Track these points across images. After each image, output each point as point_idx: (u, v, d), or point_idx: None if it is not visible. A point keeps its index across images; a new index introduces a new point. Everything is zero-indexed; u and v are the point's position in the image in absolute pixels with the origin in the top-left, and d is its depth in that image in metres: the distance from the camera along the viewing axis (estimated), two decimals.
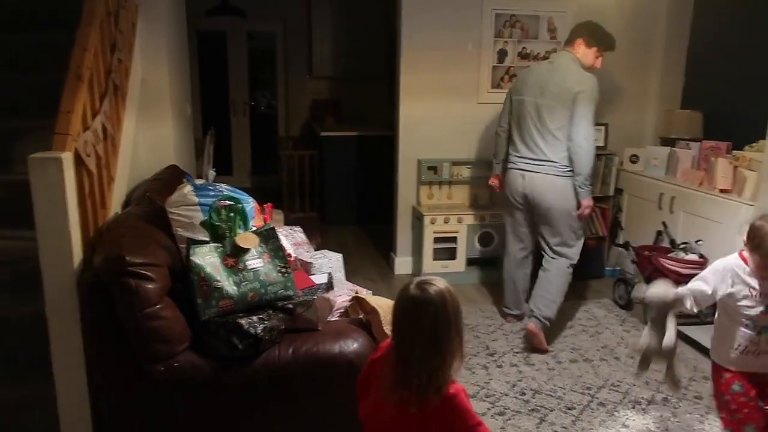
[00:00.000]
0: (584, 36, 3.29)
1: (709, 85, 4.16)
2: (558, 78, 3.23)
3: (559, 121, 3.21)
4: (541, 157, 3.28)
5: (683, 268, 3.43)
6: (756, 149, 3.49)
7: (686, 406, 2.69)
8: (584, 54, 3.29)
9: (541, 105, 3.25)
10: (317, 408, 2.00)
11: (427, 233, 4.13)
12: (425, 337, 1.37)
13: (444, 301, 1.39)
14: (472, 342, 3.29)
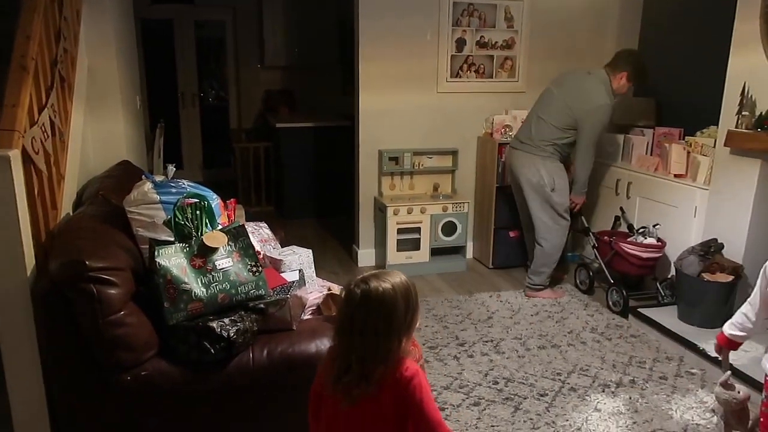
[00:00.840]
0: (629, 71, 3.57)
1: (660, 73, 4.25)
2: (584, 93, 3.59)
3: (557, 121, 3.63)
4: (529, 136, 3.72)
5: (642, 251, 3.52)
6: (707, 135, 3.60)
7: (653, 387, 2.76)
8: (621, 85, 3.61)
9: (555, 99, 3.67)
10: (295, 411, 1.93)
11: (391, 224, 4.09)
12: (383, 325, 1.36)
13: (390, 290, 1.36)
14: (441, 333, 3.28)
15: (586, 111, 3.55)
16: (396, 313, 1.36)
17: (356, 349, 1.36)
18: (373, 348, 1.35)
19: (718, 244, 3.26)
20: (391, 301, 1.36)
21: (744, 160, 3.16)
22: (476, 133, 4.40)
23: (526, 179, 3.71)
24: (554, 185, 3.65)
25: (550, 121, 3.66)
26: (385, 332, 1.35)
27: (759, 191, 3.12)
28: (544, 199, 3.68)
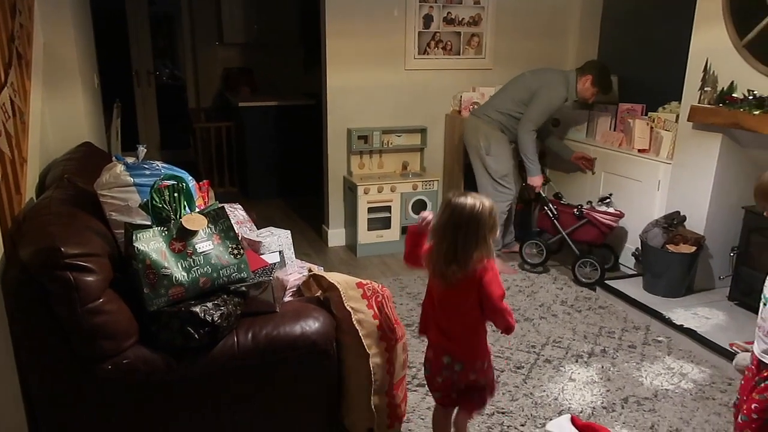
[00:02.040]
0: (594, 75, 3.78)
1: (623, 50, 4.33)
2: (547, 76, 3.85)
3: (514, 92, 3.87)
4: (483, 106, 4.01)
5: (613, 220, 3.64)
6: (669, 110, 3.70)
7: (623, 356, 2.86)
8: (585, 88, 3.80)
9: (521, 78, 3.91)
10: (282, 392, 1.92)
11: (361, 203, 4.07)
12: (472, 232, 1.83)
13: (481, 206, 1.84)
14: (416, 310, 3.30)
15: (539, 86, 3.79)
16: (482, 222, 1.83)
17: (460, 239, 1.82)
18: (472, 235, 1.82)
19: (681, 217, 3.38)
20: (480, 214, 1.83)
21: (706, 134, 3.26)
22: (444, 111, 4.40)
23: (468, 142, 4.01)
24: (489, 150, 3.86)
25: (508, 92, 3.93)
26: (478, 225, 1.82)
27: (720, 164, 3.23)
28: (481, 163, 3.92)
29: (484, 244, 1.84)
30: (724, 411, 2.44)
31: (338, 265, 3.97)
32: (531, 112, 3.77)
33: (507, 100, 3.89)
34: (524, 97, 3.82)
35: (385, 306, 2.11)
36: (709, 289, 3.41)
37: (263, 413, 1.92)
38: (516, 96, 3.86)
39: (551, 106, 3.80)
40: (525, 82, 3.87)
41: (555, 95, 3.78)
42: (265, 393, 1.91)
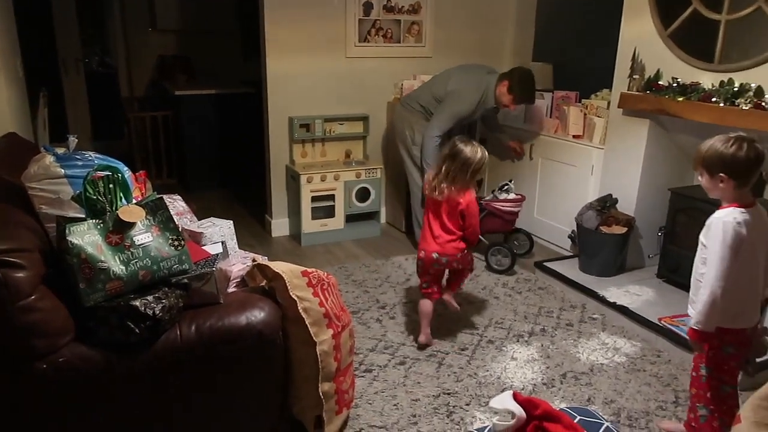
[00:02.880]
0: (509, 81, 3.63)
1: (557, 39, 4.47)
2: (463, 76, 3.79)
3: (435, 89, 3.83)
4: (410, 97, 3.98)
5: (514, 207, 3.67)
6: (601, 97, 3.85)
7: (561, 334, 2.98)
8: (502, 93, 3.66)
9: (445, 73, 3.88)
10: (228, 385, 1.90)
11: (304, 192, 4.04)
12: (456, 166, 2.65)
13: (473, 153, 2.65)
14: (362, 297, 3.33)
15: (452, 90, 3.74)
16: (470, 165, 2.64)
17: (453, 170, 2.65)
18: (460, 171, 2.64)
19: (613, 199, 3.53)
20: (471, 159, 2.64)
21: (635, 120, 3.41)
22: (386, 99, 4.41)
23: (396, 131, 4.02)
24: (414, 139, 3.86)
25: (431, 87, 3.90)
26: (466, 169, 2.64)
27: (648, 149, 3.39)
28: (408, 153, 3.93)
29: (468, 179, 2.67)
30: (654, 381, 2.58)
31: (283, 255, 3.94)
32: (436, 118, 3.72)
33: (428, 94, 3.85)
34: (440, 95, 3.78)
35: (331, 293, 2.12)
36: (640, 267, 3.59)
37: (211, 406, 1.90)
38: (435, 92, 3.81)
39: (458, 113, 3.72)
40: (445, 80, 3.81)
41: (463, 103, 3.70)
42: (212, 385, 1.88)
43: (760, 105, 2.72)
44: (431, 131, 3.72)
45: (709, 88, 2.97)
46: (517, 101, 3.70)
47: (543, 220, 4.13)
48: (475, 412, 2.35)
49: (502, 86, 3.65)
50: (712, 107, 2.90)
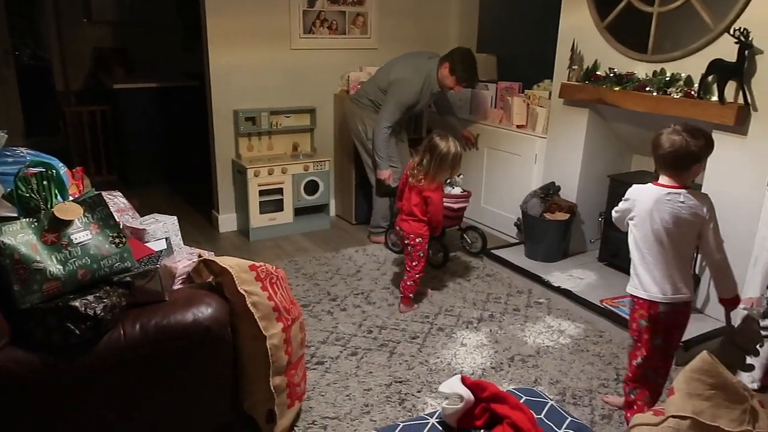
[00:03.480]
0: (450, 63, 3.60)
1: (500, 30, 4.55)
2: (404, 64, 3.77)
3: (380, 81, 3.81)
4: (359, 91, 3.97)
5: (455, 203, 3.61)
6: (543, 88, 3.95)
7: (509, 319, 3.05)
8: (444, 75, 3.64)
9: (388, 63, 3.87)
10: (177, 383, 1.86)
11: (252, 187, 3.98)
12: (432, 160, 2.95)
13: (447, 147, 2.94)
14: (312, 290, 3.32)
15: (394, 79, 3.72)
16: (447, 157, 2.94)
17: (428, 164, 2.96)
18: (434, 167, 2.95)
19: (556, 187, 3.64)
20: (445, 155, 2.93)
21: (575, 109, 3.52)
22: (333, 91, 4.39)
23: (351, 128, 3.99)
24: (368, 134, 3.86)
25: (375, 79, 3.89)
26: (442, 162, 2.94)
27: (588, 137, 3.51)
28: (364, 148, 3.93)
29: (440, 173, 2.97)
30: (596, 361, 2.69)
31: (231, 250, 3.87)
32: (383, 110, 3.72)
33: (374, 87, 3.85)
34: (384, 86, 3.77)
35: (280, 287, 2.11)
36: (582, 252, 3.72)
37: (160, 405, 1.86)
38: (380, 84, 3.80)
39: (403, 102, 3.70)
40: (388, 71, 3.80)
41: (406, 91, 3.69)
42: (160, 384, 1.84)
43: (690, 93, 2.85)
44: (380, 124, 3.72)
45: (644, 78, 3.09)
46: (460, 82, 3.64)
47: (489, 208, 4.21)
48: (426, 398, 2.38)
49: (443, 68, 3.63)
50: (646, 96, 3.02)
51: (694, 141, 1.99)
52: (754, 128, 2.67)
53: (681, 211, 2.03)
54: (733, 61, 2.63)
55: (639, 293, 2.12)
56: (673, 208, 2.03)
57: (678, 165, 2.04)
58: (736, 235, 2.76)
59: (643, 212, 2.07)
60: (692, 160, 2.02)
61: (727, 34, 2.66)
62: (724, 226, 2.84)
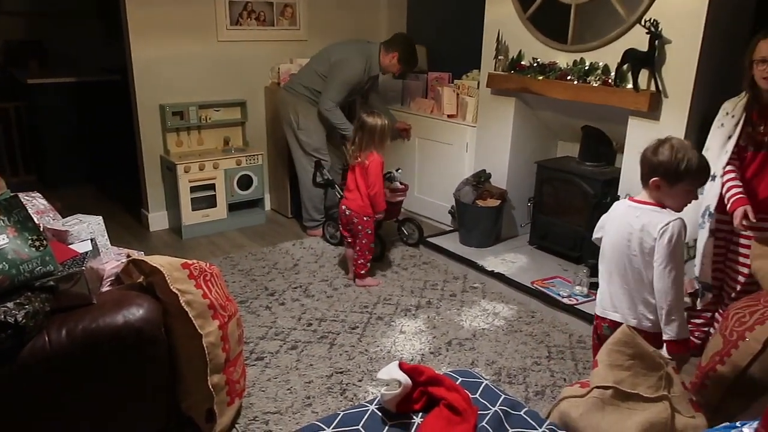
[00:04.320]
0: (399, 52, 3.72)
1: (429, 21, 4.61)
2: (346, 47, 3.83)
3: (317, 65, 3.83)
4: (293, 80, 3.94)
5: (392, 197, 3.60)
6: (472, 78, 4.04)
7: (446, 304, 3.13)
8: (391, 64, 3.77)
9: (325, 50, 3.87)
10: (111, 388, 1.80)
11: (182, 183, 3.88)
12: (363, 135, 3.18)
13: (374, 122, 3.16)
14: (249, 286, 3.28)
15: (337, 60, 3.75)
16: (376, 131, 3.16)
17: (360, 139, 3.19)
18: (366, 141, 3.17)
19: (487, 174, 3.74)
20: (374, 125, 3.16)
21: (502, 99, 3.62)
22: (263, 83, 4.33)
23: (282, 117, 3.94)
24: (300, 124, 3.85)
25: (312, 66, 3.88)
26: (371, 136, 3.17)
27: (515, 125, 3.62)
28: (295, 137, 3.90)
29: (372, 145, 3.17)
30: (530, 340, 2.80)
31: (163, 249, 3.77)
32: (328, 89, 3.72)
33: (311, 73, 3.83)
34: (324, 70, 3.77)
35: (215, 284, 2.08)
36: (514, 236, 3.85)
37: (94, 412, 1.80)
38: (319, 69, 3.79)
39: (348, 81, 3.73)
40: (326, 55, 3.82)
41: (351, 70, 3.72)
42: (92, 390, 1.78)
43: (608, 82, 3.00)
44: (325, 103, 3.73)
45: (565, 67, 3.22)
46: (405, 69, 3.87)
47: (424, 198, 4.28)
48: (367, 387, 2.41)
49: (391, 57, 3.73)
50: (568, 85, 3.15)
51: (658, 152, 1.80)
52: (665, 113, 2.83)
53: (633, 225, 1.85)
54: (645, 50, 2.78)
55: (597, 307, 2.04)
56: (629, 221, 1.87)
57: (641, 174, 1.89)
58: None
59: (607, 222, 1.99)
60: (650, 171, 1.83)
61: (638, 25, 2.81)
62: None
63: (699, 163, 1.79)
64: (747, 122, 2.36)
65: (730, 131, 2.40)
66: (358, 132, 3.21)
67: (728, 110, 2.42)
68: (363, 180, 3.21)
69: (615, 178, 3.14)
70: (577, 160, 3.46)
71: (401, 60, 3.74)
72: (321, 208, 4.03)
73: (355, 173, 3.24)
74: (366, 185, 3.21)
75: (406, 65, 3.79)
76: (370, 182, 3.19)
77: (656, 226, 1.80)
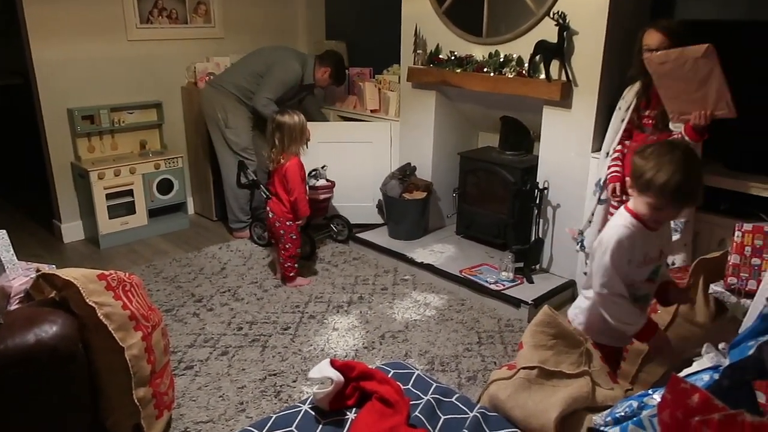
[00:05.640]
0: (332, 69, 3.82)
1: (348, 16, 4.60)
2: (283, 52, 3.87)
3: (251, 64, 3.80)
4: (220, 77, 3.87)
5: (319, 194, 3.59)
6: (392, 72, 4.07)
7: (377, 299, 3.14)
8: (323, 78, 3.84)
9: (259, 51, 3.88)
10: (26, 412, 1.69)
11: (97, 191, 3.69)
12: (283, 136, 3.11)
13: (291, 120, 3.11)
14: (175, 293, 3.16)
15: (275, 61, 3.76)
16: (296, 129, 3.11)
17: (280, 141, 3.11)
18: (287, 141, 3.11)
19: (412, 168, 3.79)
20: (292, 124, 3.10)
21: (423, 92, 3.67)
22: (179, 83, 4.18)
23: (207, 114, 3.85)
24: (227, 122, 3.79)
25: (246, 65, 3.83)
26: (291, 134, 3.10)
27: (437, 118, 3.68)
28: (221, 136, 3.83)
29: (290, 145, 3.12)
30: (460, 327, 2.86)
31: (79, 261, 3.57)
32: (265, 85, 3.70)
33: (244, 72, 3.79)
34: (260, 70, 3.75)
35: (135, 294, 1.99)
36: (441, 227, 3.91)
37: None
38: (254, 69, 3.77)
39: (286, 80, 3.74)
40: (263, 56, 3.82)
41: (289, 71, 3.75)
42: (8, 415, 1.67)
43: (522, 73, 3.10)
44: (261, 100, 3.67)
45: (481, 59, 3.30)
46: (334, 85, 4.00)
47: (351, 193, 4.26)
48: (302, 387, 2.39)
49: (324, 72, 3.82)
50: (484, 77, 3.23)
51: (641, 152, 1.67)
52: (576, 102, 2.96)
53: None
54: (554, 41, 2.89)
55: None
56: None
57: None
58: (568, 197, 3.08)
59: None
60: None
61: (548, 18, 2.92)
62: (558, 193, 3.16)
63: (668, 181, 1.56)
64: (636, 107, 2.59)
65: (623, 115, 2.63)
66: (276, 134, 3.12)
67: (625, 96, 2.64)
68: (282, 186, 3.16)
69: (533, 165, 3.26)
70: (497, 150, 3.56)
71: (332, 76, 3.85)
72: (247, 209, 3.95)
73: (276, 177, 3.18)
74: (285, 191, 3.16)
75: (335, 81, 3.92)
76: (289, 188, 3.13)
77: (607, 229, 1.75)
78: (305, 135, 3.18)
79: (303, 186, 3.20)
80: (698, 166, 1.64)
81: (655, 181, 1.59)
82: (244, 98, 3.79)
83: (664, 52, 2.30)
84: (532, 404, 1.60)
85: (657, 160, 1.59)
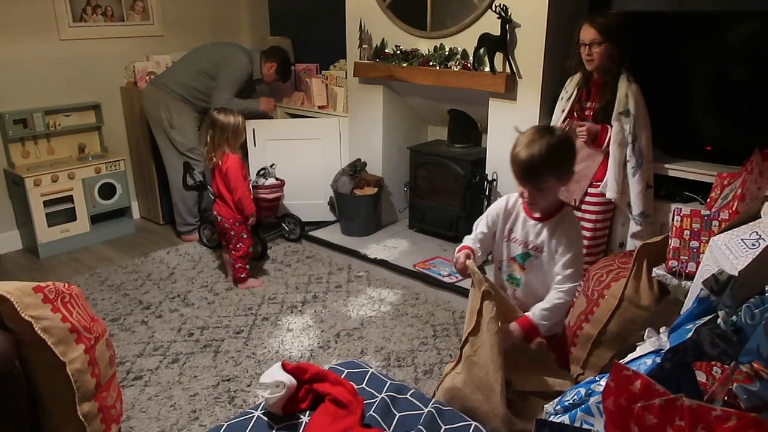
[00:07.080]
0: (278, 64, 3.79)
1: (292, 12, 4.53)
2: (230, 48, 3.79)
3: (196, 64, 3.70)
4: (163, 76, 3.76)
5: (269, 193, 3.51)
6: (339, 68, 4.03)
7: (332, 297, 3.12)
8: (269, 73, 3.80)
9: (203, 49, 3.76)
10: None
11: (33, 198, 3.52)
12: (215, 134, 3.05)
13: (226, 119, 3.03)
14: (121, 301, 3.06)
15: (222, 57, 3.69)
16: (228, 128, 3.03)
17: (212, 138, 3.05)
18: (218, 140, 3.04)
19: (362, 163, 3.77)
20: (227, 123, 3.02)
21: (370, 87, 3.65)
22: (118, 83, 4.03)
23: (150, 114, 3.74)
24: (172, 122, 3.69)
25: (189, 63, 3.73)
26: (222, 134, 3.04)
27: (385, 112, 3.67)
28: (166, 136, 3.73)
29: (226, 143, 3.05)
30: (415, 322, 2.87)
31: (17, 272, 3.41)
32: (220, 87, 3.63)
33: (189, 70, 3.69)
34: (206, 68, 3.65)
35: (76, 305, 1.91)
36: (393, 222, 3.92)
37: None
38: (200, 66, 3.67)
39: (239, 75, 3.69)
40: (207, 53, 3.72)
41: (240, 66, 3.70)
42: None
43: (467, 66, 3.12)
44: (220, 101, 3.55)
45: (427, 53, 3.30)
46: (280, 80, 3.92)
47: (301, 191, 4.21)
48: (257, 391, 2.35)
49: (269, 67, 3.77)
50: (430, 70, 3.24)
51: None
52: (521, 94, 3.00)
53: None
54: (497, 34, 2.92)
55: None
56: None
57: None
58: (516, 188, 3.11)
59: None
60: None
61: (490, 11, 2.94)
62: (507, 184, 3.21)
63: (512, 151, 1.79)
64: (578, 97, 2.66)
65: (564, 105, 2.69)
66: (209, 130, 3.05)
67: (566, 86, 2.70)
68: (224, 185, 3.09)
69: (482, 158, 3.29)
70: (446, 143, 3.58)
71: (278, 72, 3.81)
72: (195, 212, 3.85)
73: (217, 177, 3.10)
74: (228, 190, 3.09)
75: (281, 77, 3.87)
76: (231, 187, 3.06)
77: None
78: (239, 138, 3.10)
79: (245, 183, 3.14)
80: (554, 147, 1.72)
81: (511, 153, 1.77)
82: (189, 97, 3.68)
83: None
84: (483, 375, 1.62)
85: (524, 136, 1.78)
